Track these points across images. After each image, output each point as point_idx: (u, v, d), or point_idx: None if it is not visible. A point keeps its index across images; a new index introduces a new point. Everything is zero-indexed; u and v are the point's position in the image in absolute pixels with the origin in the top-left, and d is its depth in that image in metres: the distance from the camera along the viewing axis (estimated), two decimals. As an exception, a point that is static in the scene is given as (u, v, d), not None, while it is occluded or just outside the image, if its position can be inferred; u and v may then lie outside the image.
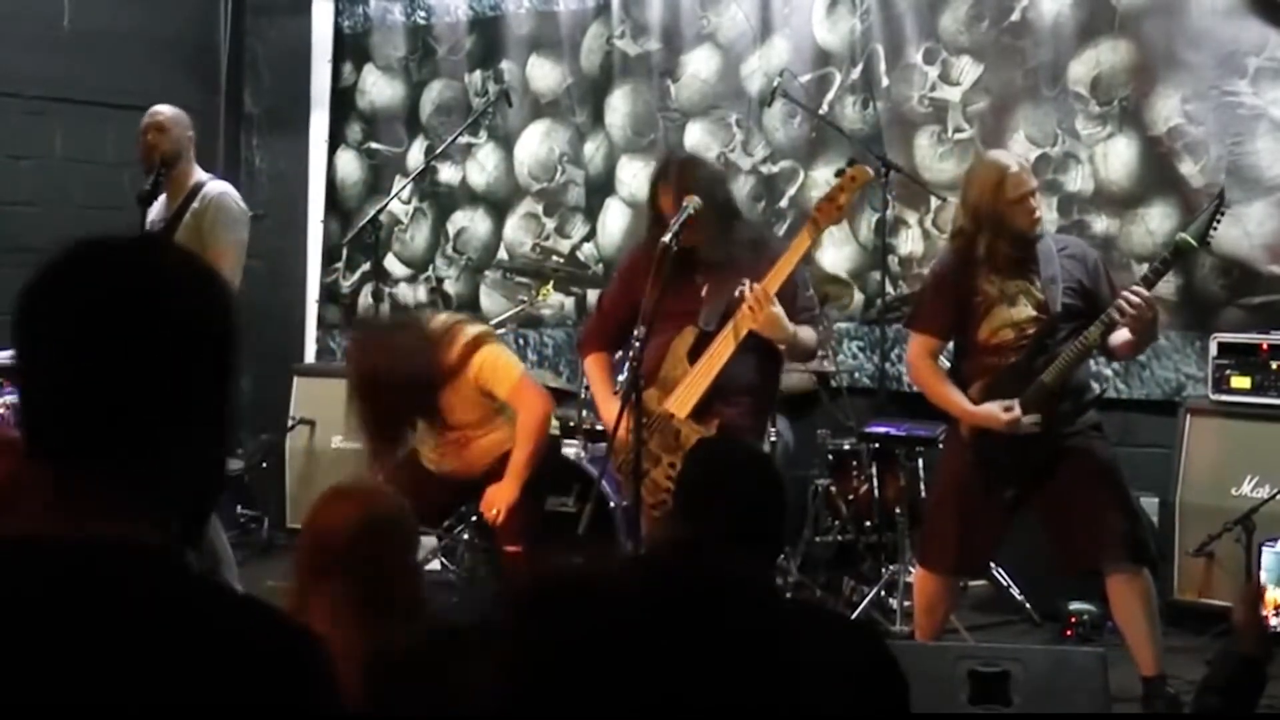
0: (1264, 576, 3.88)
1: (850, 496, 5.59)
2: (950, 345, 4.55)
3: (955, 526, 4.38)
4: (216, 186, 5.28)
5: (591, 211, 6.91)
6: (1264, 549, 3.93)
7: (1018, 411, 4.22)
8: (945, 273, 4.45)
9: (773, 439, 5.10)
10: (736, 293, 4.27)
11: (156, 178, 5.14)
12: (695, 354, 4.37)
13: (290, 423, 6.66)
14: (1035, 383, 4.23)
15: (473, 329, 4.69)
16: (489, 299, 7.14)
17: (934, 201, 5.99)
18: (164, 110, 5.28)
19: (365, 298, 7.39)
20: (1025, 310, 4.29)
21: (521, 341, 6.95)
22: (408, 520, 2.59)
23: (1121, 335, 4.25)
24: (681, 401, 4.35)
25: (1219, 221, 4.18)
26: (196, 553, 1.42)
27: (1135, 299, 4.09)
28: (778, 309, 4.22)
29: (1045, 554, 4.57)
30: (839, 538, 5.62)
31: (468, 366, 4.57)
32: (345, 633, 2.34)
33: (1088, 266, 4.37)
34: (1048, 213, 5.73)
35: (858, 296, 6.27)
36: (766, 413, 4.63)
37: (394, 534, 2.53)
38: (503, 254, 7.09)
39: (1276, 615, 3.87)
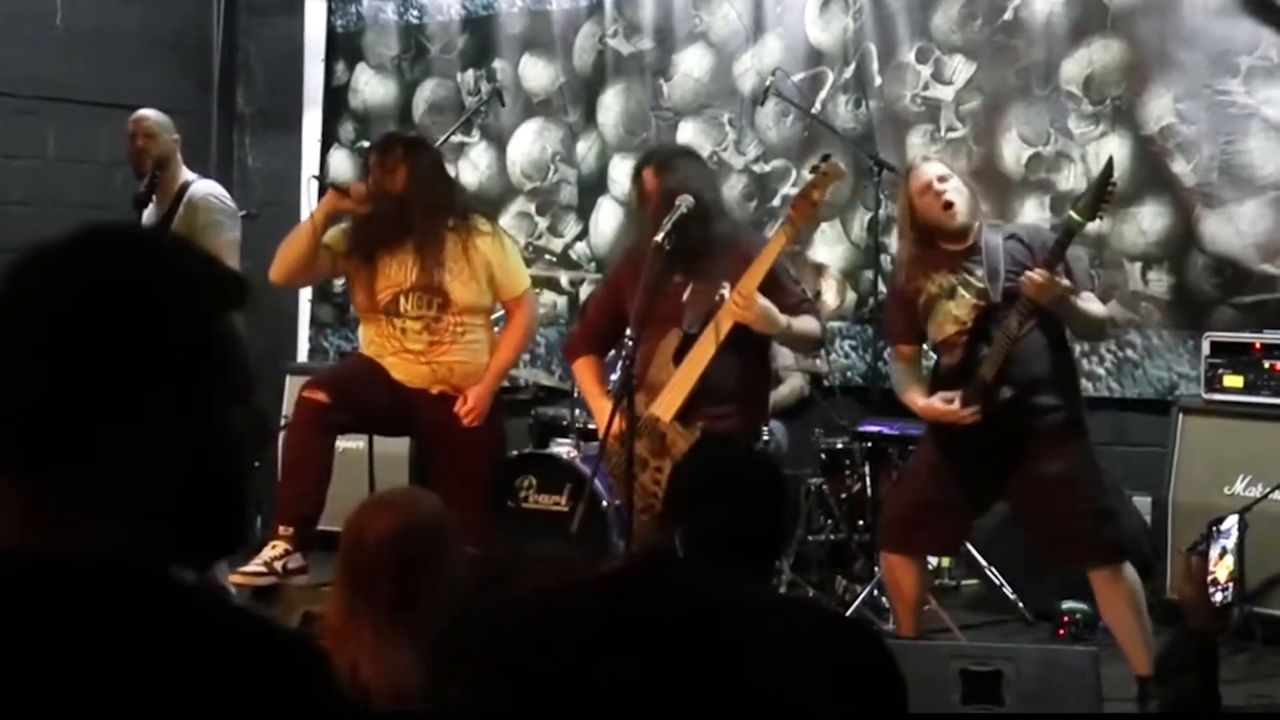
0: (1214, 551, 3.84)
1: (843, 495, 5.59)
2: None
3: (902, 502, 4.48)
4: (202, 187, 5.27)
5: (584, 210, 6.90)
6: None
7: (956, 404, 4.21)
8: (894, 283, 4.56)
9: (765, 439, 5.10)
10: (717, 298, 4.27)
11: (151, 180, 5.13)
12: (681, 357, 4.37)
13: (283, 421, 6.65)
14: (975, 375, 4.20)
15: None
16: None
17: (927, 200, 5.99)
18: (150, 115, 5.26)
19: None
20: (966, 301, 4.27)
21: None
22: (448, 527, 2.61)
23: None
24: (666, 405, 4.35)
25: (1110, 195, 4.12)
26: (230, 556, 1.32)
27: (1030, 280, 4.05)
28: (765, 302, 4.22)
29: (1037, 552, 4.58)
30: (832, 537, 5.62)
31: (485, 241, 4.75)
32: (388, 639, 2.38)
33: (1034, 248, 4.26)
34: (1040, 211, 5.75)
35: (850, 295, 6.27)
36: (757, 417, 4.63)
37: (434, 541, 2.54)
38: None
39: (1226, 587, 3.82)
